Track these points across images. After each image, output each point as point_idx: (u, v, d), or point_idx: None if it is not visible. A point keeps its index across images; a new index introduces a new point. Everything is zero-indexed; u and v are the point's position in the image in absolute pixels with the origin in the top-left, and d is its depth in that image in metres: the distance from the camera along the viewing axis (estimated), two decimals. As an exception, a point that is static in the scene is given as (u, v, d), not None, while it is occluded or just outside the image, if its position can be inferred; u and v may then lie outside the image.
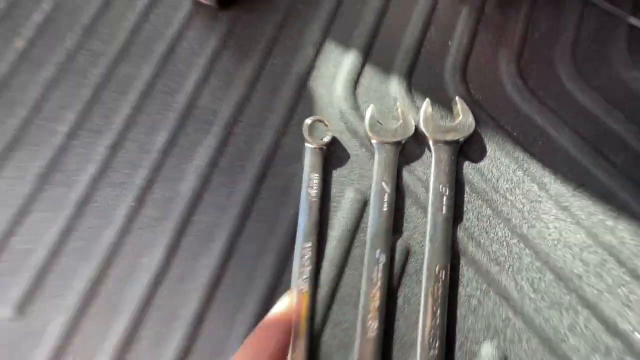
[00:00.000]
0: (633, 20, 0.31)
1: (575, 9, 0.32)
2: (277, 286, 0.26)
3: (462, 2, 0.33)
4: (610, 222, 0.27)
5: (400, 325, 0.25)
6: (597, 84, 0.30)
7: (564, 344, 0.24)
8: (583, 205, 0.28)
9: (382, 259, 0.26)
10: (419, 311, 0.25)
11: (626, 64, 0.31)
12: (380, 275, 0.26)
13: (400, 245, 0.27)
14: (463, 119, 0.28)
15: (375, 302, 0.25)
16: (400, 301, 0.25)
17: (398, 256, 0.26)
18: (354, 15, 0.33)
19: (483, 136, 0.29)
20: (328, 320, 0.25)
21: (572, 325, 0.25)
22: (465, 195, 0.28)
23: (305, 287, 0.26)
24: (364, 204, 0.28)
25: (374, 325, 0.25)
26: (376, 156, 0.28)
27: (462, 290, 0.26)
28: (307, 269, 0.26)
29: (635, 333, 0.24)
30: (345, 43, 0.32)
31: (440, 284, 0.25)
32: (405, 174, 0.28)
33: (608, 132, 0.29)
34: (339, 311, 0.26)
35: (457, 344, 0.25)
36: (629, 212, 0.27)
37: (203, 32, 0.33)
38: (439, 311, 0.25)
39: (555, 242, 0.27)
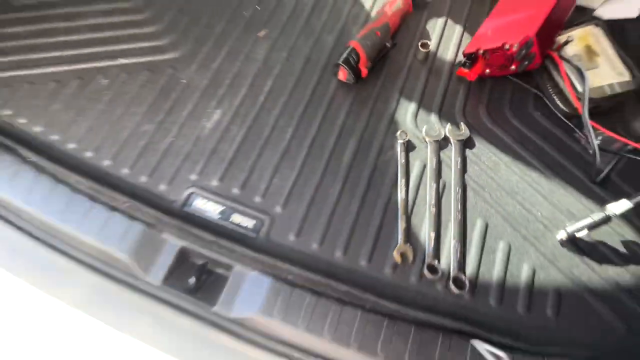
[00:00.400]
0: (535, 91, 0.70)
1: (511, 85, 0.72)
2: (390, 199, 0.62)
3: (459, 82, 0.73)
4: (529, 172, 0.64)
5: (443, 210, 0.61)
6: (522, 118, 0.69)
7: (511, 218, 0.60)
8: (518, 166, 0.64)
9: (434, 186, 0.62)
10: (450, 205, 0.61)
11: (534, 110, 0.70)
12: (434, 193, 0.62)
13: (441, 182, 0.63)
14: (464, 131, 0.67)
15: (432, 201, 0.61)
16: (443, 201, 0.62)
17: (440, 186, 0.63)
18: (412, 87, 0.73)
19: (473, 138, 0.67)
20: (413, 211, 0.61)
21: (513, 211, 0.61)
22: (467, 162, 0.65)
23: (403, 198, 0.62)
24: (424, 166, 0.65)
25: (433, 210, 0.60)
26: (428, 146, 0.66)
27: (467, 200, 0.62)
28: (403, 192, 0.63)
29: (539, 213, 0.60)
30: (410, 99, 0.72)
31: (459, 195, 0.62)
32: (441, 153, 0.66)
33: (527, 137, 0.67)
34: (418, 207, 0.61)
35: (467, 218, 0.60)
36: (537, 170, 0.64)
37: (344, 96, 0.73)
38: (459, 205, 0.61)
39: (505, 180, 0.63)
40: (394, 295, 0.56)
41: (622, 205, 0.54)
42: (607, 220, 0.55)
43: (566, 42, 0.64)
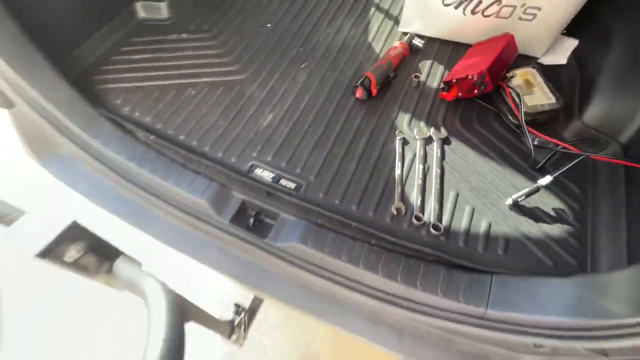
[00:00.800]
0: (493, 108, 0.99)
1: (477, 104, 1.01)
2: (390, 175, 0.89)
3: (441, 102, 1.03)
4: (488, 161, 0.91)
5: (427, 182, 0.87)
6: (484, 126, 0.98)
7: (475, 190, 0.86)
8: (481, 157, 0.92)
9: (421, 167, 0.90)
10: (432, 180, 0.87)
11: (493, 121, 0.98)
12: (421, 171, 0.89)
13: (426, 165, 0.91)
14: (443, 132, 0.95)
15: (420, 177, 0.88)
16: (427, 177, 0.88)
17: (425, 167, 0.90)
18: (408, 104, 1.03)
19: (450, 138, 0.95)
20: (406, 183, 0.88)
21: (476, 185, 0.86)
22: (445, 153, 0.92)
23: (399, 174, 0.89)
24: (415, 154, 0.93)
25: (420, 182, 0.87)
26: (418, 142, 0.94)
27: (445, 176, 0.88)
28: (399, 170, 0.90)
29: (494, 187, 0.86)
30: (406, 111, 1.02)
31: (439, 174, 0.88)
32: (427, 147, 0.94)
33: (488, 139, 0.95)
34: (410, 180, 0.88)
35: (444, 189, 0.86)
36: (495, 160, 0.91)
37: (359, 108, 1.03)
38: (438, 180, 0.87)
39: (472, 165, 0.90)
40: (391, 235, 0.81)
41: (546, 179, 0.80)
42: (537, 189, 0.81)
43: (511, 76, 0.95)
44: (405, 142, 0.95)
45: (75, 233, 0.31)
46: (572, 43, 1.04)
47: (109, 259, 0.41)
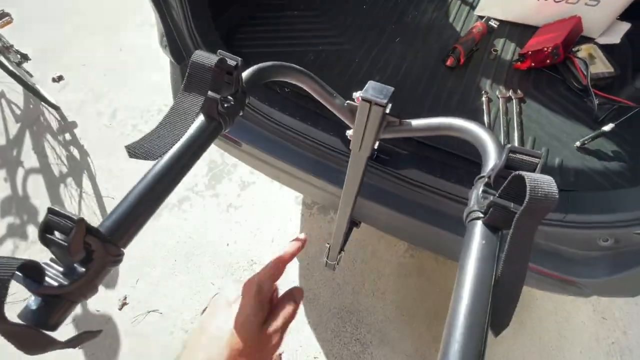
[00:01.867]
0: (560, 77, 1.22)
1: (546, 73, 1.25)
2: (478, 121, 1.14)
3: (515, 71, 1.26)
4: (558, 116, 1.14)
5: (509, 129, 1.11)
6: (553, 89, 1.21)
7: (549, 135, 1.10)
8: (552, 113, 1.15)
9: (504, 118, 1.14)
10: (514, 127, 1.11)
11: (560, 86, 1.22)
12: (504, 121, 1.13)
13: (507, 116, 1.14)
14: (520, 93, 1.19)
15: (503, 124, 1.12)
16: (509, 126, 1.12)
17: (507, 118, 1.14)
18: (488, 72, 1.27)
19: (525, 98, 1.19)
20: (494, 127, 1.12)
21: (549, 132, 1.10)
22: (522, 108, 1.16)
23: (487, 121, 1.13)
24: (498, 109, 1.17)
25: (504, 129, 1.11)
26: (500, 100, 1.18)
27: (523, 125, 1.12)
28: (487, 119, 1.14)
29: (564, 134, 1.09)
30: (487, 77, 1.25)
31: (518, 123, 1.12)
32: (507, 104, 1.18)
33: (556, 100, 1.19)
34: (496, 127, 1.12)
35: (523, 134, 1.10)
36: (563, 116, 1.15)
37: (449, 74, 1.27)
38: (518, 128, 1.11)
39: (545, 118, 1.14)
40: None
41: (609, 126, 1.03)
42: (602, 134, 1.04)
43: (577, 50, 1.18)
44: (489, 100, 1.19)
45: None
46: (625, 26, 1.27)
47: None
